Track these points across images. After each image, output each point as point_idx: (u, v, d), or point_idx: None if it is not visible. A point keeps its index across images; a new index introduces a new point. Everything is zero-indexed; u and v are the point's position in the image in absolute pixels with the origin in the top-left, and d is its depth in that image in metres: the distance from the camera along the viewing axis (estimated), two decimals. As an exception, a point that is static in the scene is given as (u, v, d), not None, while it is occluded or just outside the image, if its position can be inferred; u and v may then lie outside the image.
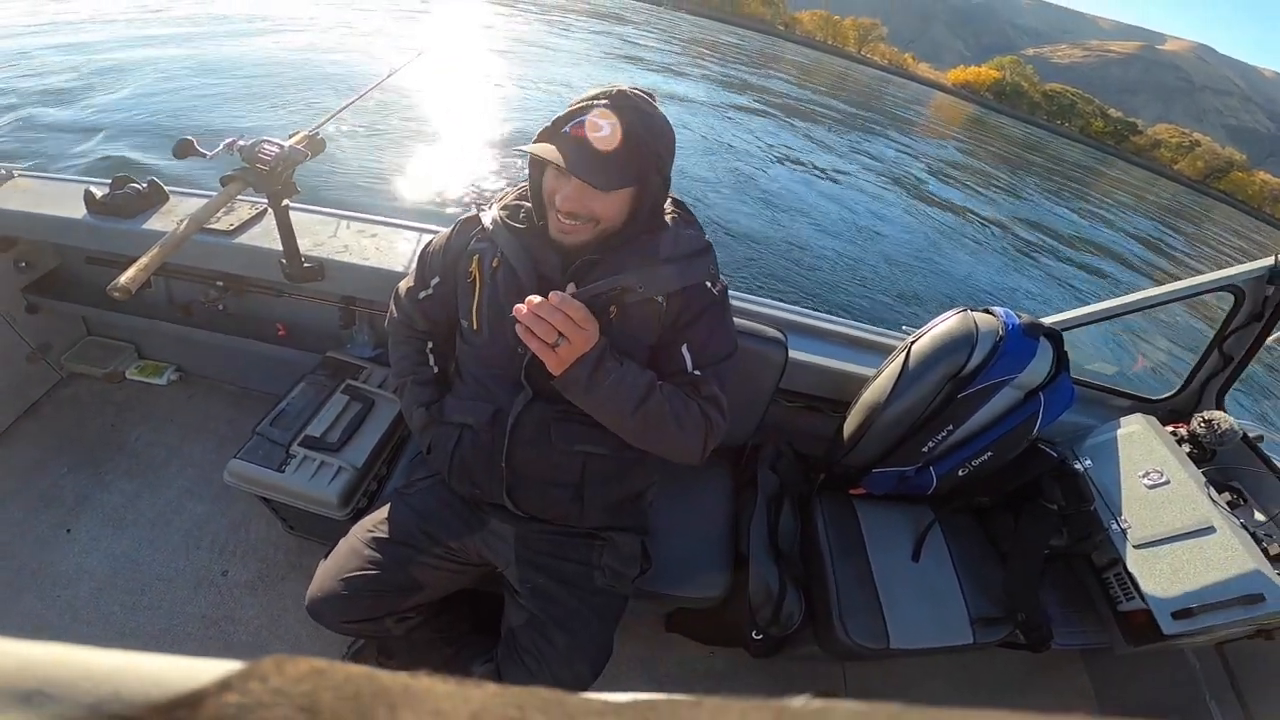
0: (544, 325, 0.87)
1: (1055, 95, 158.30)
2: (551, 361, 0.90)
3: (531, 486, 1.13)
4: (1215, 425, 1.54)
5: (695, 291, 1.05)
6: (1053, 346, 1.36)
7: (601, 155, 0.90)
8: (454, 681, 0.16)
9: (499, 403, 1.11)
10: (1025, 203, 15.93)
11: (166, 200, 1.75)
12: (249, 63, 9.36)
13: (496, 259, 1.07)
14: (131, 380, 2.06)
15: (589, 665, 1.14)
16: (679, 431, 1.01)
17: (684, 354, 1.05)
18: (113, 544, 1.67)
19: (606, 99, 0.92)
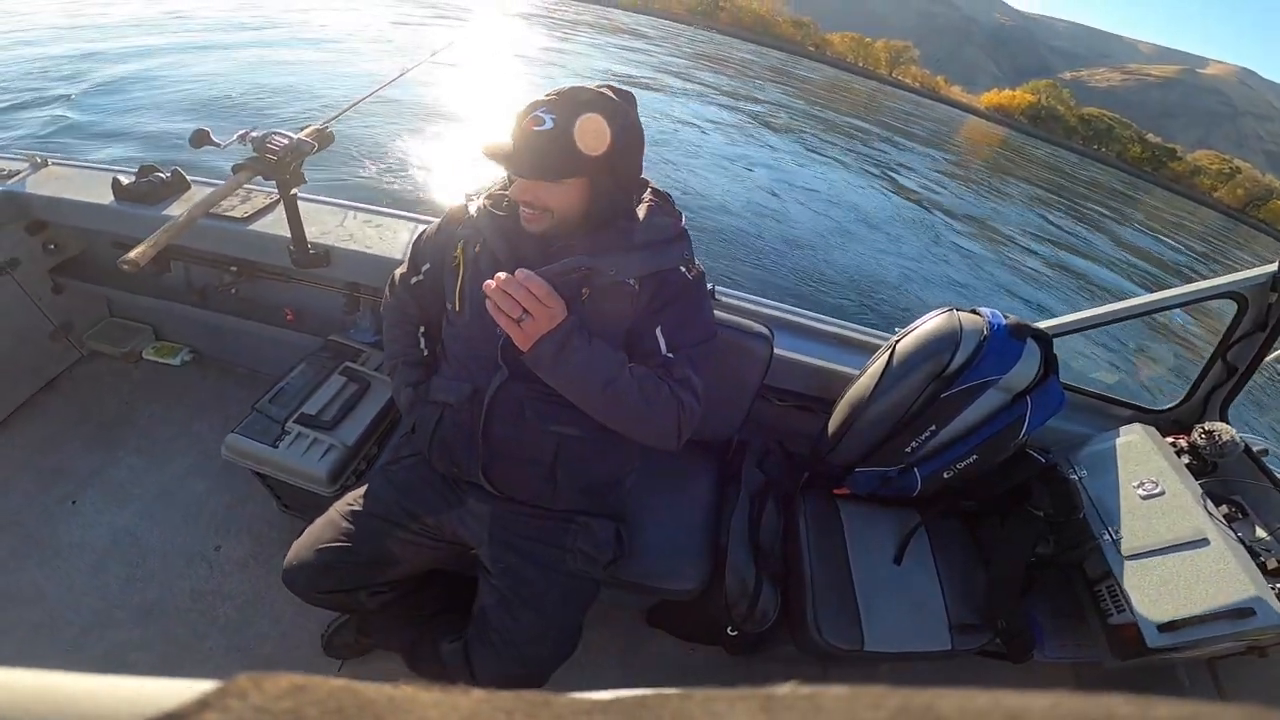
0: (509, 300, 0.91)
1: (1092, 119, 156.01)
2: (518, 336, 0.94)
3: (506, 464, 1.16)
4: (1216, 437, 1.51)
5: (668, 276, 1.09)
6: (1040, 349, 1.36)
7: (542, 148, 0.95)
8: (439, 690, 0.16)
9: (477, 382, 1.14)
10: (1053, 228, 15.67)
11: (188, 189, 1.85)
12: (272, 60, 9.89)
13: (479, 245, 1.12)
14: (148, 360, 2.16)
15: (553, 647, 1.17)
16: (648, 412, 1.03)
17: (657, 336, 1.08)
18: (115, 517, 1.74)
19: (555, 95, 0.97)
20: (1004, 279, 9.27)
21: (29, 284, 1.91)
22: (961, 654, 1.35)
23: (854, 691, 0.16)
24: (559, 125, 0.94)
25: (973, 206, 14.06)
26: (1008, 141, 51.60)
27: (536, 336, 0.94)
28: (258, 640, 1.55)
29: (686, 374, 1.08)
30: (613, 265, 1.03)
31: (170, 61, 8.93)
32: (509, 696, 0.16)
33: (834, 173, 12.74)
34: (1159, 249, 19.75)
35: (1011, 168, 28.01)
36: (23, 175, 1.84)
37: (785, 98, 22.90)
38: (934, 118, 45.35)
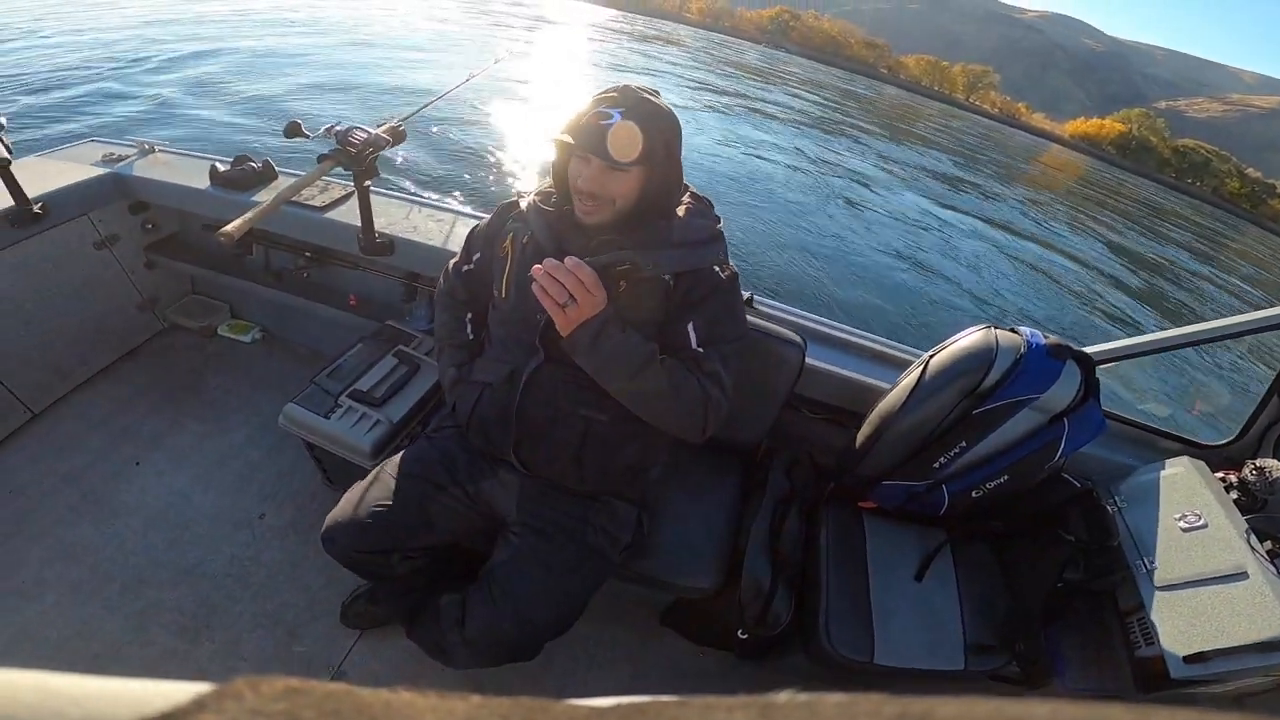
0: (556, 285, 0.98)
1: (1187, 152, 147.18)
2: (560, 320, 1.02)
3: (536, 443, 1.25)
4: (1268, 473, 1.44)
5: (703, 275, 1.17)
6: (1081, 370, 1.35)
7: (612, 139, 1.03)
8: (435, 695, 0.16)
9: (515, 364, 1.24)
10: (1128, 260, 14.88)
11: (276, 178, 2.05)
12: (362, 61, 10.82)
13: (528, 237, 1.22)
14: (222, 335, 2.37)
15: (552, 612, 1.22)
16: (677, 402, 1.09)
17: (689, 331, 1.15)
18: (173, 480, 1.88)
19: (615, 93, 1.08)
20: (1066, 310, 8.93)
21: (125, 259, 2.14)
22: (975, 675, 1.34)
23: (852, 698, 0.16)
24: (630, 117, 1.03)
25: (1045, 234, 13.51)
26: (1091, 172, 49.30)
27: (578, 322, 1.02)
28: (284, 608, 1.63)
29: (716, 368, 1.13)
30: (650, 260, 1.11)
31: (273, 60, 9.95)
32: (506, 702, 0.16)
33: (892, 192, 12.63)
34: (1244, 288, 18.44)
35: (1093, 198, 26.75)
36: (131, 159, 2.07)
37: (844, 116, 22.66)
38: (1009, 144, 43.84)
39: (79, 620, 1.53)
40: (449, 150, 7.40)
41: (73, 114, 6.77)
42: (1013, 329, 1.39)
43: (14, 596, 1.55)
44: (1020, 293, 8.85)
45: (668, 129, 1.09)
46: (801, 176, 11.62)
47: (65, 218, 1.89)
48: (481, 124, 8.91)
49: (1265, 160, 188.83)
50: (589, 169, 1.07)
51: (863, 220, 9.60)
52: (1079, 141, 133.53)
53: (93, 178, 1.95)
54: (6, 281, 1.80)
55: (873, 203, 11.04)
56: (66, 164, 1.98)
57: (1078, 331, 7.99)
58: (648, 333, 1.13)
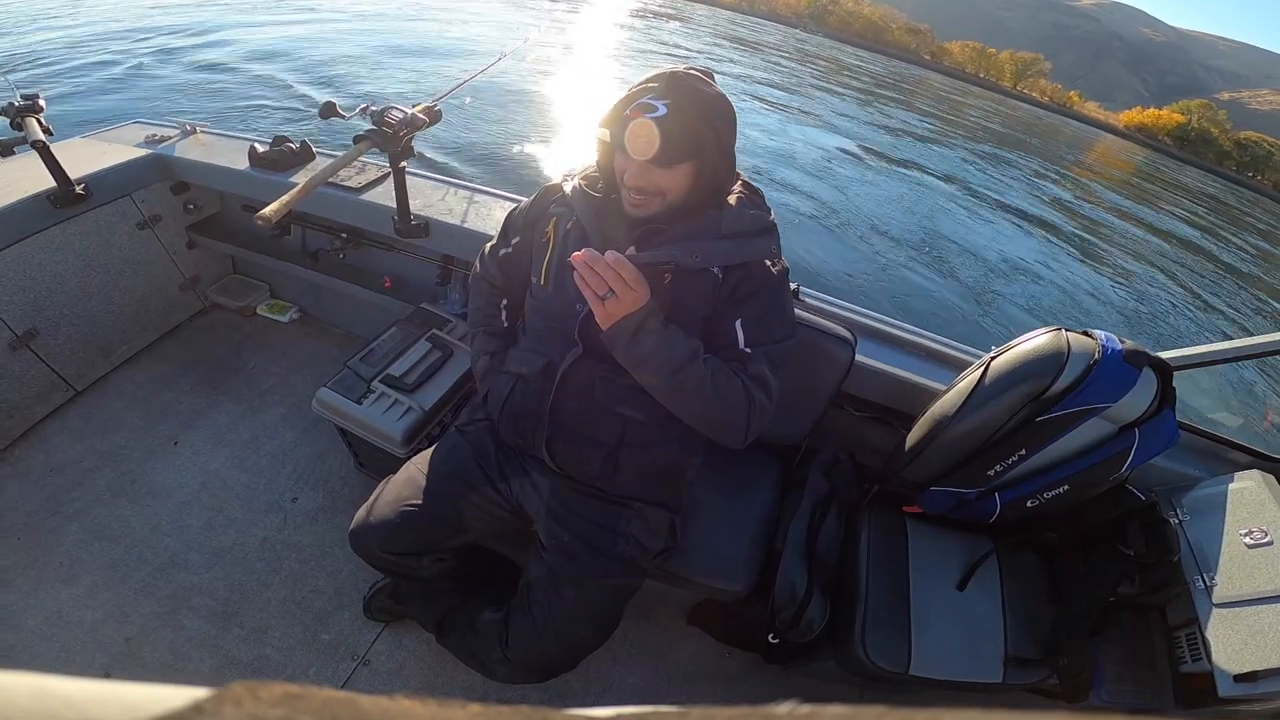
0: (596, 276, 0.93)
1: (1249, 144, 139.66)
2: (600, 313, 0.97)
3: (570, 440, 1.19)
4: None
5: (753, 269, 1.10)
6: (1158, 379, 1.23)
7: (660, 133, 0.95)
8: (435, 703, 0.16)
9: (552, 355, 1.18)
10: (1185, 256, 14.19)
11: (313, 159, 2.04)
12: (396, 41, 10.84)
13: (571, 222, 1.16)
14: (261, 316, 2.38)
15: (592, 628, 1.18)
16: (719, 404, 1.04)
17: (736, 329, 1.09)
18: (209, 460, 1.90)
19: (659, 81, 0.99)
20: (1118, 305, 8.53)
21: (167, 239, 2.16)
22: (1012, 688, 1.28)
23: (854, 711, 0.16)
24: (673, 110, 0.95)
25: (1095, 225, 12.95)
26: (1146, 163, 47.07)
27: (618, 316, 0.97)
28: (313, 595, 1.64)
29: (762, 370, 1.07)
30: (699, 252, 1.05)
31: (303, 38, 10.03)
32: (506, 711, 0.16)
33: (935, 180, 12.19)
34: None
35: (1148, 191, 25.54)
36: (173, 140, 2.08)
37: (887, 106, 21.98)
38: (1062, 132, 42.11)
39: (113, 603, 1.55)
40: (484, 130, 7.32)
41: (110, 93, 6.96)
42: (1086, 332, 1.28)
43: (50, 577, 1.57)
44: (1077, 287, 8.47)
45: (718, 118, 1.01)
46: (846, 165, 11.32)
47: (108, 198, 1.91)
48: (517, 103, 8.77)
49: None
50: (634, 163, 1.01)
51: (908, 209, 9.27)
52: (1133, 131, 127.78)
53: (136, 159, 1.96)
54: (50, 261, 1.82)
55: (918, 193, 10.67)
56: (111, 145, 2.00)
57: (1140, 330, 7.65)
58: (692, 329, 1.07)
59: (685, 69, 1.02)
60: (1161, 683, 1.35)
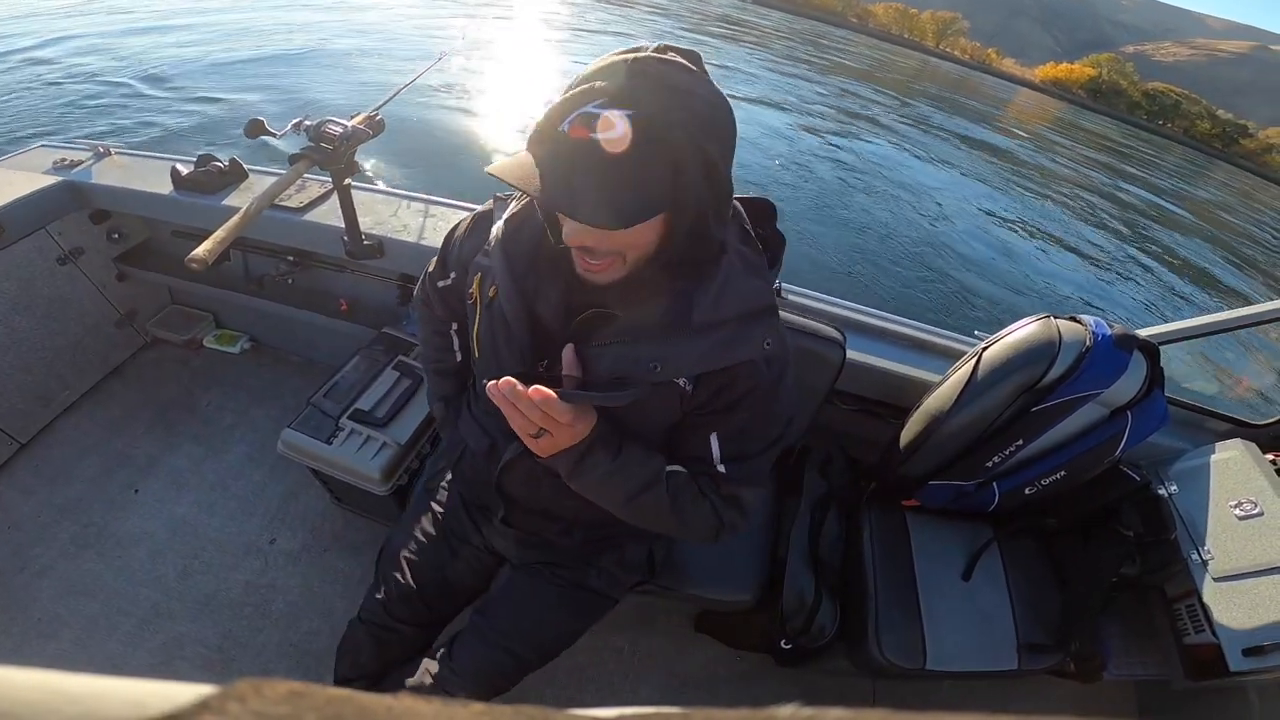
0: (520, 418, 0.71)
1: (1157, 95, 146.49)
2: (534, 447, 0.77)
3: (525, 513, 1.07)
4: None
5: (739, 373, 0.78)
6: (1147, 361, 1.22)
7: (613, 169, 0.60)
8: (438, 702, 0.15)
9: (494, 437, 1.00)
10: (1116, 205, 14.75)
11: (246, 178, 1.84)
12: (314, 47, 9.80)
13: (494, 289, 0.85)
14: (209, 348, 2.18)
15: (539, 652, 1.10)
16: (678, 524, 0.86)
17: (711, 443, 0.84)
18: (174, 507, 1.76)
19: (610, 75, 0.60)
20: (1066, 263, 8.73)
21: (94, 273, 1.94)
22: (1028, 675, 1.28)
23: (856, 715, 0.16)
24: (637, 125, 0.59)
25: (1034, 193, 13.27)
26: (1071, 119, 48.65)
27: (553, 451, 0.77)
28: (310, 637, 1.55)
29: (736, 492, 0.86)
30: (659, 359, 0.75)
31: (212, 49, 8.96)
32: (508, 711, 0.16)
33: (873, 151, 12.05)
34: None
35: (1071, 144, 26.47)
36: (87, 165, 1.84)
37: (812, 72, 21.99)
38: (980, 90, 43.13)
39: (102, 657, 1.45)
40: (431, 137, 6.74)
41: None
42: (1074, 317, 1.25)
43: (32, 635, 1.47)
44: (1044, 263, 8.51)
45: (709, 130, 0.63)
46: (784, 142, 11.13)
47: (21, 234, 1.69)
48: (463, 105, 8.08)
49: (1233, 105, 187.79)
50: (568, 220, 0.68)
51: (869, 191, 9.06)
52: (1050, 86, 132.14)
53: (46, 187, 1.72)
54: None
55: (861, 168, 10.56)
56: (14, 173, 1.75)
57: (1071, 288, 7.81)
58: (653, 439, 0.86)
59: (652, 51, 0.62)
60: (1167, 654, 1.36)
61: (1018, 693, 1.61)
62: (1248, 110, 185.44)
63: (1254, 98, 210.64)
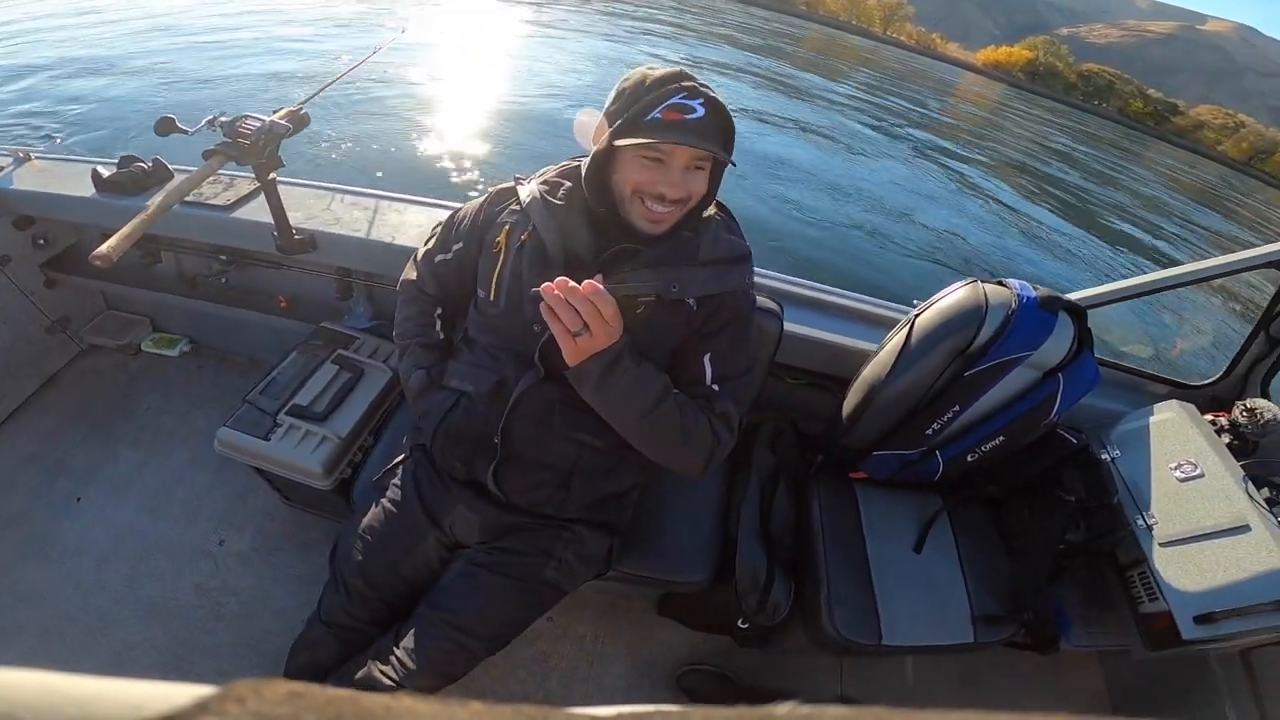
0: (570, 312, 0.80)
1: (1092, 75, 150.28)
2: (569, 350, 0.84)
3: (520, 466, 1.05)
4: (1259, 415, 1.35)
5: (727, 300, 1.00)
6: (1074, 322, 1.21)
7: (703, 132, 0.86)
8: (437, 701, 0.15)
9: (504, 375, 1.03)
10: (1057, 180, 15.08)
11: (171, 178, 1.73)
12: (237, 41, 9.07)
13: (527, 233, 1.00)
14: (147, 352, 2.05)
15: (485, 644, 1.06)
16: (684, 444, 0.95)
17: (705, 364, 0.99)
18: (117, 513, 1.67)
19: (684, 79, 0.89)
20: (1008, 235, 8.85)
21: (21, 280, 1.81)
22: (985, 647, 1.25)
23: (855, 713, 0.16)
24: (709, 110, 0.87)
25: (974, 165, 13.47)
26: (1011, 100, 49.52)
27: (590, 353, 0.85)
28: (264, 636, 1.48)
29: (728, 409, 1.00)
30: (677, 281, 0.94)
31: (126, 49, 8.07)
32: (507, 710, 0.16)
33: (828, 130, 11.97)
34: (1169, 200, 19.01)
35: (1012, 123, 26.98)
36: (7, 170, 1.72)
37: (755, 56, 21.87)
38: (929, 75, 43.63)
39: (52, 667, 1.33)
40: (365, 130, 6.30)
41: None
42: (1000, 281, 1.23)
43: None
44: (973, 228, 8.55)
45: (732, 124, 0.92)
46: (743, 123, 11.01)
47: None
48: (399, 99, 7.54)
49: (1164, 83, 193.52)
50: (671, 172, 0.88)
51: (804, 168, 9.03)
52: (991, 69, 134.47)
53: None
54: None
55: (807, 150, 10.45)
56: None
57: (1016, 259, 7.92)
58: (661, 360, 0.98)
59: (674, 69, 0.91)
60: (1125, 625, 1.33)
61: (984, 664, 1.58)
62: (1177, 89, 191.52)
63: (1182, 76, 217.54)
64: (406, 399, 1.21)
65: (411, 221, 1.64)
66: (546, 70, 10.92)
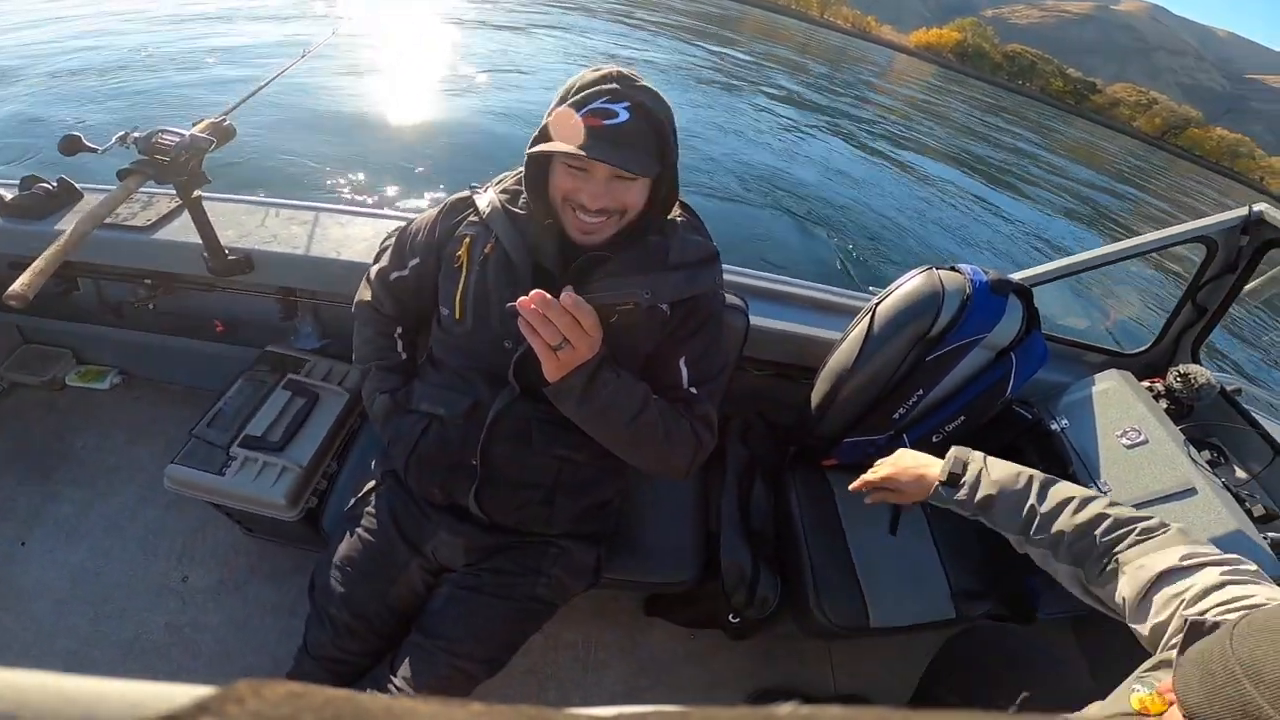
0: (550, 327, 0.78)
1: (1016, 56, 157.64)
2: (551, 365, 0.82)
3: (502, 486, 1.03)
4: (1192, 379, 1.46)
5: (699, 302, 1.00)
6: (1022, 303, 1.27)
7: (622, 140, 0.82)
8: (437, 702, 0.15)
9: (478, 395, 1.01)
10: (987, 160, 15.73)
11: (80, 199, 1.60)
12: (144, 50, 8.15)
13: (490, 245, 0.98)
14: (73, 386, 1.91)
15: (486, 668, 1.05)
16: (668, 449, 0.95)
17: (681, 368, 0.99)
18: (68, 555, 1.57)
19: (612, 82, 0.84)
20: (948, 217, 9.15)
21: None
22: (966, 621, 1.30)
23: (855, 713, 0.16)
24: (635, 114, 0.83)
25: (914, 153, 13.87)
26: (943, 81, 51.32)
27: (571, 367, 0.82)
28: (248, 672, 1.41)
29: (707, 410, 1.00)
30: (650, 287, 0.92)
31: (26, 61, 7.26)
32: (508, 710, 0.15)
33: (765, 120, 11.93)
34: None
35: (944, 104, 28.00)
36: None
37: (717, 45, 22.05)
38: (867, 58, 44.80)
39: None
40: (297, 140, 5.79)
41: None
42: (953, 267, 1.28)
43: None
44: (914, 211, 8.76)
45: (671, 124, 0.89)
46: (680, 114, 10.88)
47: None
48: (333, 104, 6.95)
49: (1082, 62, 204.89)
50: (592, 181, 0.85)
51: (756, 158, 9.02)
52: (923, 51, 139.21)
53: None
54: None
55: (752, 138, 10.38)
56: None
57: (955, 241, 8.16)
58: (635, 366, 0.97)
59: (617, 69, 0.86)
60: None
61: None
62: (1094, 68, 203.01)
63: (1099, 56, 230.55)
64: (373, 423, 1.17)
65: (357, 235, 1.57)
66: (488, 65, 10.58)
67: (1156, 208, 20.07)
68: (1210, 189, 47.03)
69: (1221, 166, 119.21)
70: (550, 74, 10.83)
